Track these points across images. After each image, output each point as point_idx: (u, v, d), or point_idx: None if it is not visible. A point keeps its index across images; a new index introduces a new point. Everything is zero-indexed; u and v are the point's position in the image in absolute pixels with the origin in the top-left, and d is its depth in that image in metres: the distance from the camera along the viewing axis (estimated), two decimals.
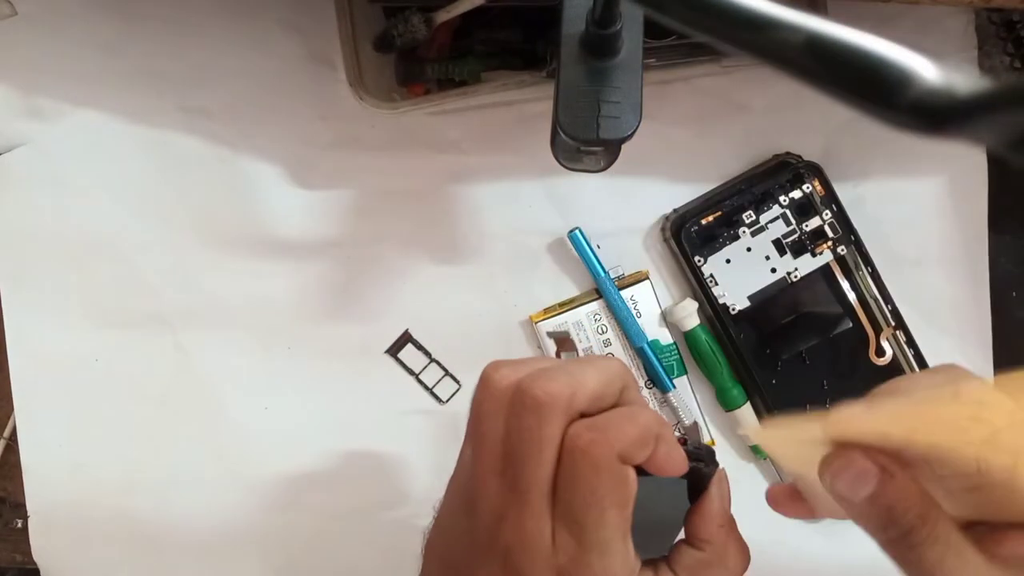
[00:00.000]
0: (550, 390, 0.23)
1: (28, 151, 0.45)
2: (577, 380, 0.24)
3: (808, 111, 0.46)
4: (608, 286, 0.45)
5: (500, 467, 0.24)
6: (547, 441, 0.23)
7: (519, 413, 0.24)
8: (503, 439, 0.24)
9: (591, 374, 0.24)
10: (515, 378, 0.25)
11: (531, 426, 0.23)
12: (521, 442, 0.24)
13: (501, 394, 0.25)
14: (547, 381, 0.24)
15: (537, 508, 0.23)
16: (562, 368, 0.25)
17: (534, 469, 0.23)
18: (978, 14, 0.45)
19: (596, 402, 0.24)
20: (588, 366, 0.25)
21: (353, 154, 0.46)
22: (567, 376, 0.24)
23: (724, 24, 0.15)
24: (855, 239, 0.44)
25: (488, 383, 0.25)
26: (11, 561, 0.47)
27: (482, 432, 0.25)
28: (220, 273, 0.46)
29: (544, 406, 0.23)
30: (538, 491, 0.23)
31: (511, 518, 0.24)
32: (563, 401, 0.23)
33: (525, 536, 0.23)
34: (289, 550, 0.47)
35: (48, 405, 0.46)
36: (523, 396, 0.24)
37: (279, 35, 0.45)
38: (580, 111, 0.31)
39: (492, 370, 0.25)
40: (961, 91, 0.13)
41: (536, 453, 0.23)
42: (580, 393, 0.24)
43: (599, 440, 0.23)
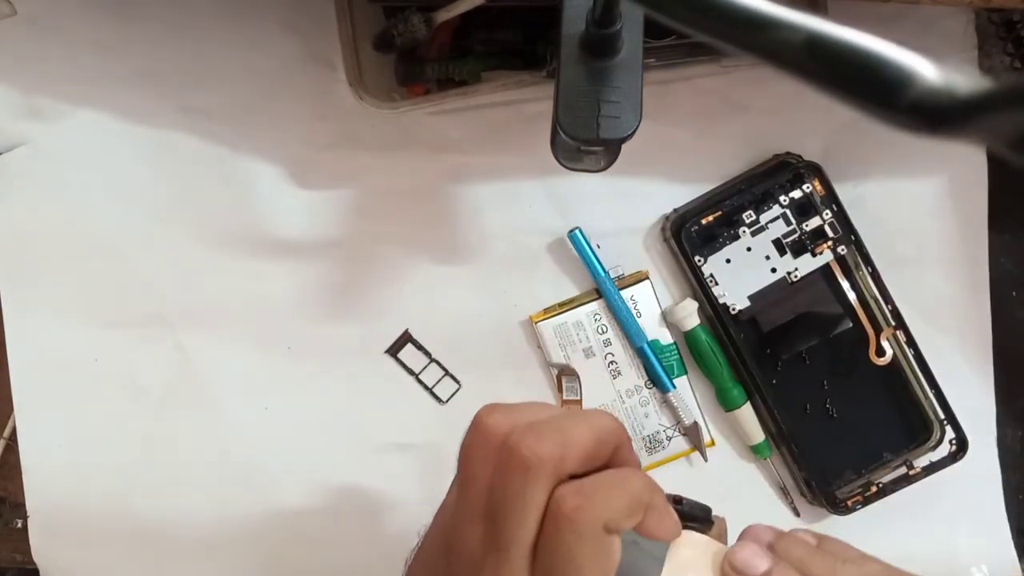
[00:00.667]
0: (539, 451, 0.23)
1: (28, 151, 0.45)
2: (568, 439, 0.23)
3: (808, 111, 0.46)
4: (608, 286, 0.45)
5: (483, 516, 0.24)
6: (531, 503, 0.22)
7: (504, 470, 0.23)
8: (488, 489, 0.24)
9: (582, 433, 0.24)
10: (507, 427, 0.24)
11: (516, 486, 0.23)
12: (505, 500, 0.23)
13: (492, 442, 0.24)
14: (536, 440, 0.23)
15: (516, 568, 0.23)
16: (553, 425, 0.24)
17: (515, 529, 0.23)
18: (978, 14, 0.45)
19: (586, 463, 0.24)
20: (581, 423, 0.24)
21: (353, 154, 0.46)
22: (557, 434, 0.23)
23: (724, 24, 0.15)
24: (855, 239, 0.44)
25: (480, 428, 0.24)
26: (11, 561, 0.47)
27: (469, 478, 0.24)
28: (220, 273, 0.46)
29: (531, 468, 0.22)
30: (517, 550, 0.23)
31: (488, 572, 0.23)
32: (551, 464, 0.23)
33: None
34: (288, 549, 0.47)
35: (48, 405, 0.46)
36: (510, 452, 0.23)
37: (279, 35, 0.45)
38: (580, 111, 0.30)
39: (485, 415, 0.25)
40: (961, 91, 0.13)
41: (519, 514, 0.22)
42: (569, 455, 0.23)
43: (584, 507, 0.22)
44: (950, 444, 0.45)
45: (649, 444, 0.47)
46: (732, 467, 0.47)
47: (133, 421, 0.46)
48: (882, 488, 0.45)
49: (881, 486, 0.45)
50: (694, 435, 0.46)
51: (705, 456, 0.47)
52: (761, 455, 0.47)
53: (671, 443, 0.47)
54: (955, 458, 0.45)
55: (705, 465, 0.47)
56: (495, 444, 0.24)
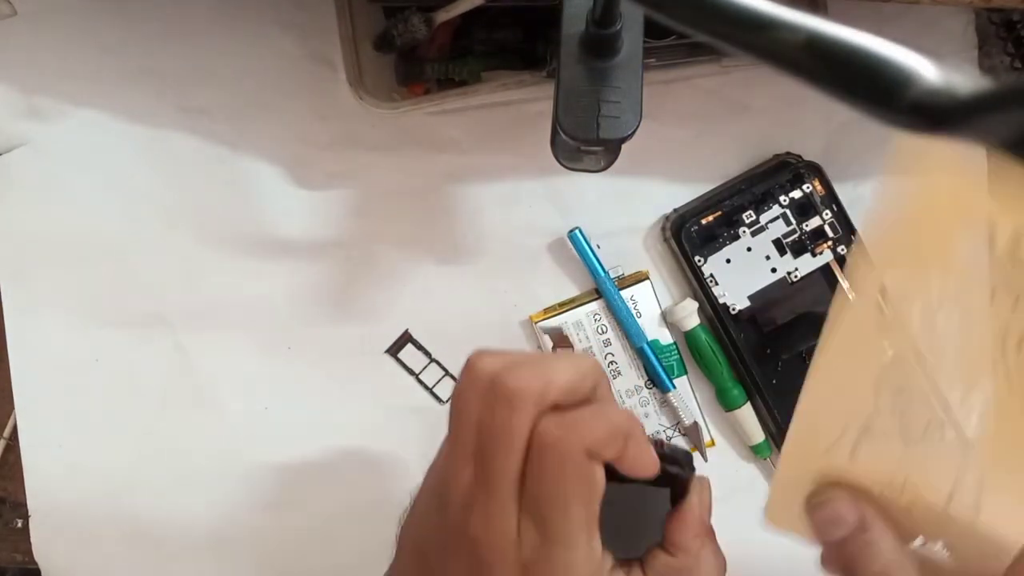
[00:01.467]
0: (521, 382, 0.24)
1: (28, 151, 0.45)
2: (549, 373, 0.24)
3: (808, 111, 0.46)
4: (608, 286, 0.45)
5: (472, 454, 0.24)
6: (516, 432, 0.23)
7: (491, 403, 0.24)
8: (478, 427, 0.24)
9: (564, 368, 0.25)
10: (498, 366, 0.25)
11: (502, 417, 0.24)
12: (492, 432, 0.24)
13: (481, 381, 0.25)
14: (519, 372, 0.24)
15: (504, 500, 0.23)
16: (535, 361, 0.25)
17: (502, 460, 0.23)
18: (978, 14, 0.45)
19: (567, 396, 0.24)
20: (562, 360, 0.25)
21: (353, 154, 0.46)
22: (540, 368, 0.24)
23: (724, 24, 0.15)
24: (856, 239, 0.44)
25: (471, 371, 0.25)
26: (11, 561, 0.47)
27: (460, 417, 0.25)
28: (220, 273, 0.46)
29: (515, 397, 0.23)
30: (506, 483, 0.23)
31: (478, 509, 0.24)
32: (534, 393, 0.24)
33: (491, 528, 0.23)
34: (288, 550, 0.47)
35: (48, 405, 0.46)
36: (496, 386, 0.24)
37: (279, 35, 0.45)
38: (580, 111, 0.31)
39: (476, 358, 0.26)
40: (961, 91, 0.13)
41: (505, 444, 0.23)
42: (552, 386, 0.24)
43: (566, 436, 0.23)
44: None
45: None
46: (732, 467, 0.47)
47: (133, 421, 0.46)
48: None
49: None
50: (694, 435, 0.46)
51: (705, 456, 0.47)
52: (761, 455, 0.47)
53: (671, 443, 0.47)
54: None
55: (705, 465, 0.47)
56: (484, 383, 0.25)
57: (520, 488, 0.24)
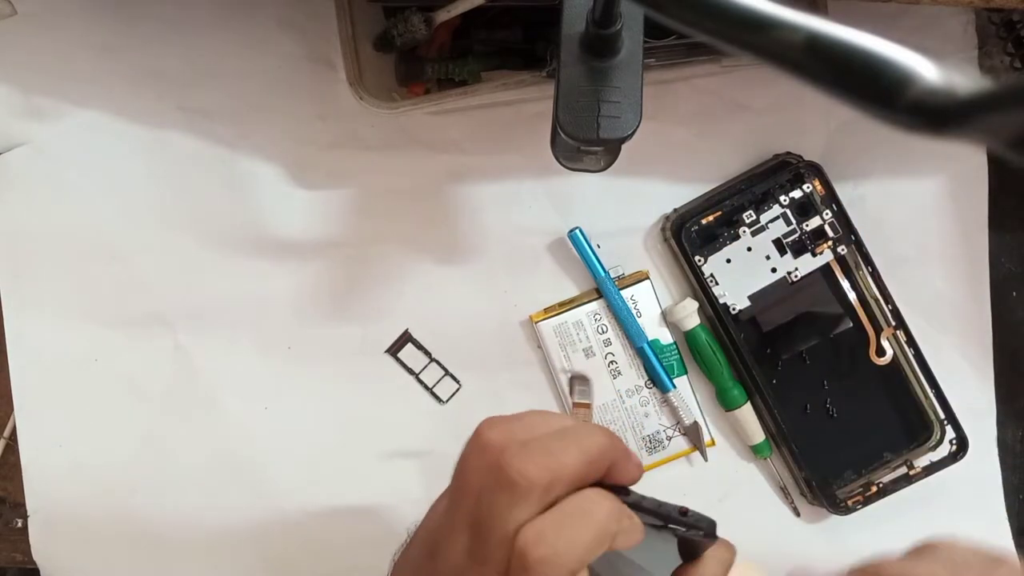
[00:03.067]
0: (527, 474, 0.23)
1: (28, 151, 0.45)
2: (558, 464, 0.24)
3: (808, 111, 0.46)
4: (608, 286, 0.45)
5: (469, 526, 0.24)
6: (513, 524, 0.23)
7: (493, 488, 0.24)
8: (478, 501, 0.24)
9: (572, 458, 0.24)
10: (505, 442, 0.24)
11: (502, 505, 0.23)
12: (491, 516, 0.23)
13: (488, 455, 0.24)
14: (525, 462, 0.23)
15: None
16: (545, 448, 0.24)
17: (496, 547, 0.23)
18: (978, 14, 0.45)
19: (575, 486, 0.24)
20: (572, 447, 0.24)
21: (353, 154, 0.46)
22: (547, 459, 0.24)
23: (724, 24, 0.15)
24: (855, 239, 0.44)
25: (479, 441, 0.25)
26: (11, 561, 0.47)
27: (462, 488, 0.25)
28: (220, 273, 0.46)
29: (517, 489, 0.23)
30: (495, 567, 0.23)
31: None
32: (539, 489, 0.23)
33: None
34: (288, 549, 0.47)
35: (48, 405, 0.46)
36: (500, 472, 0.23)
37: (279, 35, 0.45)
38: (580, 111, 0.30)
39: (486, 428, 0.25)
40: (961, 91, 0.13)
41: (500, 532, 0.23)
42: (558, 480, 0.23)
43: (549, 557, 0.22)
44: (950, 444, 0.45)
45: (649, 444, 0.46)
46: (732, 467, 0.47)
47: (133, 421, 0.46)
48: (882, 488, 0.45)
49: (881, 486, 0.45)
50: (694, 435, 0.46)
51: (705, 456, 0.47)
52: (761, 455, 0.47)
53: (671, 443, 0.47)
54: (955, 458, 0.45)
55: (705, 465, 0.47)
56: (491, 458, 0.24)
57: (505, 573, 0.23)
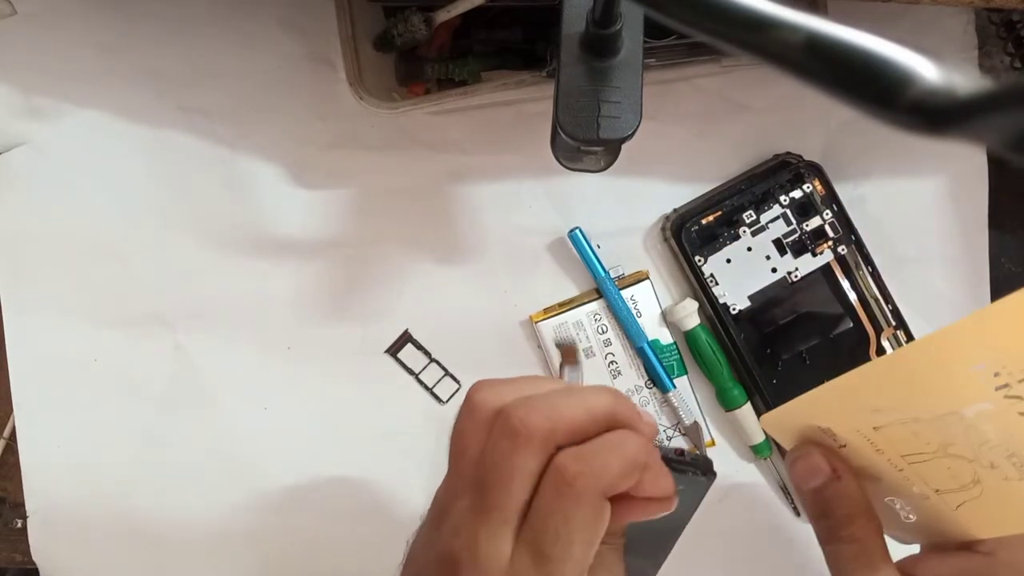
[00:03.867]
0: (529, 422, 0.24)
1: (28, 151, 0.45)
2: (559, 414, 0.24)
3: (808, 111, 0.46)
4: (608, 286, 0.45)
5: (471, 486, 0.24)
6: (517, 470, 0.23)
7: (496, 438, 0.24)
8: (478, 461, 0.24)
9: (574, 408, 0.24)
10: (497, 402, 0.25)
11: (504, 453, 0.24)
12: (493, 467, 0.24)
13: (481, 416, 0.25)
14: (528, 411, 0.24)
15: (497, 530, 0.23)
16: (546, 399, 0.25)
17: (500, 493, 0.23)
18: (978, 14, 0.45)
19: (576, 436, 0.24)
20: (574, 399, 0.25)
21: (353, 154, 0.46)
22: (549, 409, 0.24)
23: (724, 24, 0.15)
24: (855, 239, 0.44)
25: (470, 404, 0.25)
26: (11, 561, 0.47)
27: (459, 451, 0.25)
28: (220, 273, 0.46)
29: (520, 436, 0.23)
30: (500, 514, 0.23)
31: (466, 534, 0.24)
32: (540, 434, 0.23)
33: (479, 553, 0.23)
34: (288, 550, 0.47)
35: (47, 405, 0.46)
36: (503, 423, 0.24)
37: (279, 35, 0.45)
38: (580, 111, 0.30)
39: (475, 391, 0.26)
40: (961, 91, 0.13)
41: (505, 479, 0.23)
42: (559, 429, 0.24)
43: (584, 473, 0.23)
44: None
45: None
46: (732, 467, 0.47)
47: (133, 421, 0.46)
48: None
49: None
50: (694, 435, 0.46)
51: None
52: (761, 455, 0.47)
53: (671, 443, 0.47)
54: None
55: None
56: (484, 418, 0.25)
57: (521, 519, 0.23)
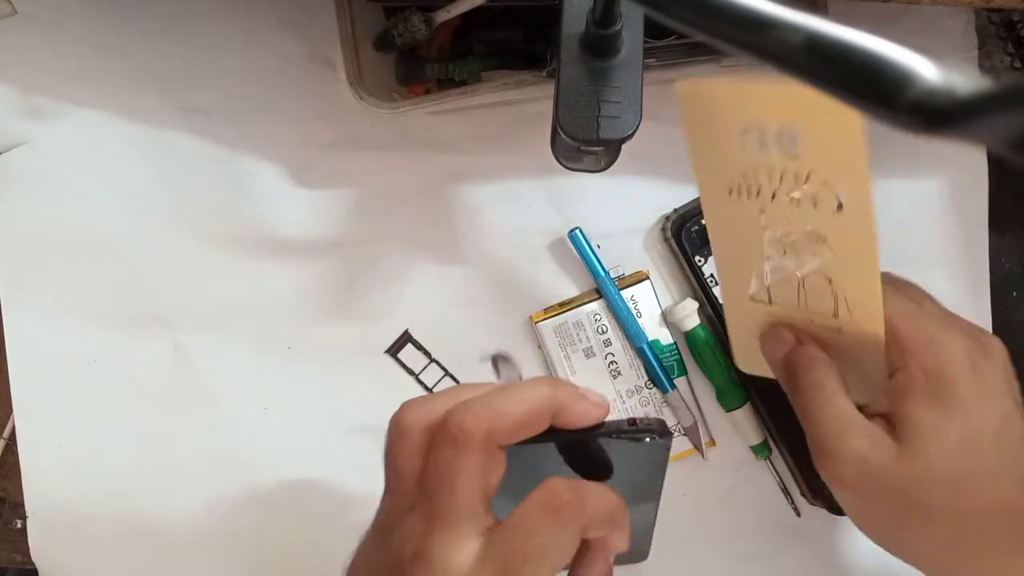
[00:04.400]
0: (466, 426, 0.24)
1: (28, 151, 0.45)
2: (497, 411, 0.24)
3: None
4: (608, 286, 0.45)
5: (416, 497, 0.25)
6: (460, 474, 0.23)
7: (437, 449, 0.24)
8: (420, 478, 0.25)
9: (514, 406, 0.24)
10: (424, 420, 0.25)
11: (447, 460, 0.24)
12: (438, 476, 0.24)
13: (412, 437, 0.25)
14: (464, 415, 0.24)
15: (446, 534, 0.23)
16: (483, 400, 0.25)
17: (447, 500, 0.23)
18: (978, 14, 0.45)
19: (518, 433, 0.24)
20: (513, 396, 0.25)
21: (353, 154, 0.46)
22: (487, 408, 0.24)
23: (724, 24, 0.15)
24: None
25: (398, 428, 0.26)
26: (11, 561, 0.47)
27: (396, 473, 0.25)
28: (220, 273, 0.46)
29: (459, 441, 0.24)
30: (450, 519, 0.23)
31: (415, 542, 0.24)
32: (479, 435, 0.24)
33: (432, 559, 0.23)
34: (288, 550, 0.47)
35: (47, 405, 0.46)
36: (441, 433, 0.24)
37: (279, 34, 0.45)
38: (580, 111, 0.31)
39: (400, 414, 0.26)
40: (961, 91, 0.13)
41: (449, 486, 0.23)
42: (498, 427, 0.24)
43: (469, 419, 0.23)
44: None
45: None
46: (732, 467, 0.47)
47: (133, 421, 0.46)
48: None
49: None
50: (694, 435, 0.46)
51: (705, 456, 0.47)
52: (761, 455, 0.47)
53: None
54: None
55: (705, 465, 0.47)
56: (415, 438, 0.25)
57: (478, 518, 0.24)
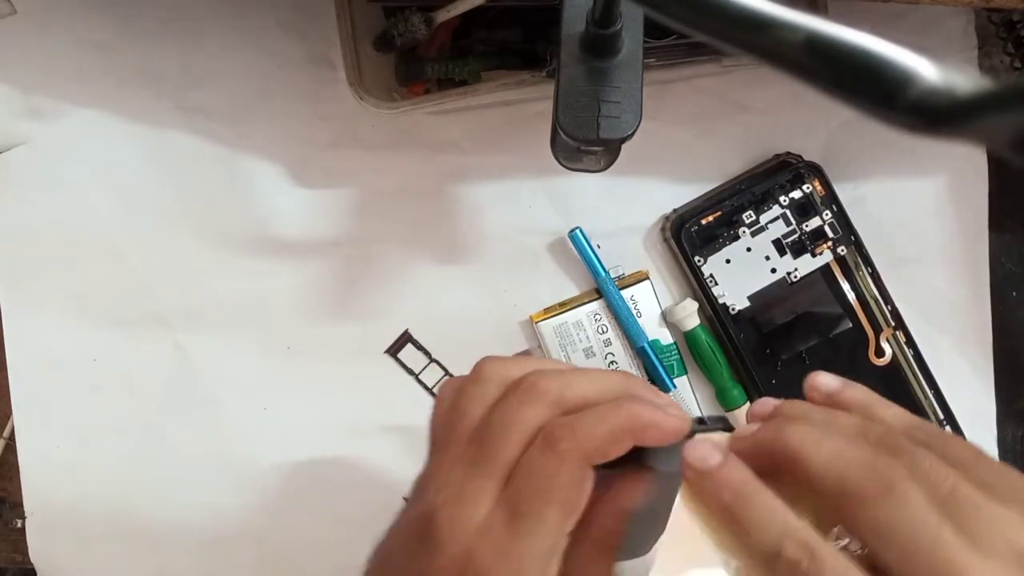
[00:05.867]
0: (541, 384, 0.24)
1: (28, 151, 0.45)
2: (570, 384, 0.24)
3: (808, 111, 0.45)
4: (608, 286, 0.45)
5: (467, 444, 0.24)
6: (518, 423, 0.23)
7: (507, 396, 0.24)
8: (478, 424, 0.24)
9: (585, 383, 0.25)
10: (505, 374, 0.25)
11: (512, 407, 0.24)
12: (497, 422, 0.24)
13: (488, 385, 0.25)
14: (540, 376, 0.24)
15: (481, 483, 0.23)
16: (560, 372, 0.25)
17: (497, 446, 0.23)
18: (978, 14, 0.45)
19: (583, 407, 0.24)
20: (584, 375, 0.25)
21: (353, 154, 0.46)
22: (563, 379, 0.24)
23: (724, 24, 0.15)
24: (855, 239, 0.44)
25: (476, 374, 0.26)
26: (11, 561, 0.47)
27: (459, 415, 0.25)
28: (220, 273, 0.46)
29: (530, 393, 0.24)
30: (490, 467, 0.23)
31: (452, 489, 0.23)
32: (550, 396, 0.24)
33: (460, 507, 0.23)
34: (287, 550, 0.47)
35: (46, 405, 0.46)
36: (515, 385, 0.24)
37: (279, 35, 0.45)
38: (580, 111, 0.30)
39: (483, 363, 0.26)
40: (961, 91, 0.13)
41: (505, 433, 0.23)
42: (569, 396, 0.24)
43: (568, 437, 0.23)
44: None
45: None
46: None
47: (132, 421, 0.46)
48: None
49: None
50: None
51: None
52: None
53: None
54: None
55: None
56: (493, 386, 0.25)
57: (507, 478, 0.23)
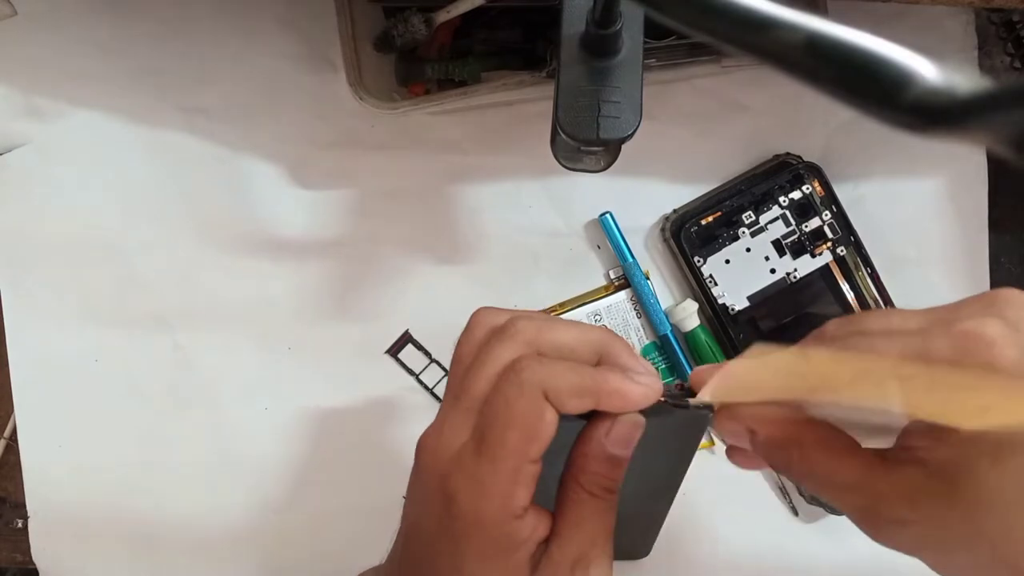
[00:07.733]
0: (519, 325, 0.25)
1: (28, 151, 0.45)
2: (550, 327, 0.25)
3: (808, 111, 0.46)
4: (635, 271, 0.45)
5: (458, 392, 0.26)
6: (493, 359, 0.25)
7: (489, 340, 0.26)
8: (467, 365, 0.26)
9: (562, 330, 0.26)
10: (495, 320, 0.27)
11: (490, 347, 0.25)
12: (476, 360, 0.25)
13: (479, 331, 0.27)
14: (520, 320, 0.26)
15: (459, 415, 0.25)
16: (545, 318, 0.26)
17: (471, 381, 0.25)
18: (978, 14, 0.45)
19: (560, 351, 0.25)
20: (564, 323, 0.26)
21: (353, 154, 0.46)
22: (544, 323, 0.26)
23: (724, 24, 0.15)
24: (855, 240, 0.44)
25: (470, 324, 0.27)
26: (11, 561, 0.47)
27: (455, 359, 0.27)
28: (220, 273, 0.46)
29: (506, 332, 0.25)
30: (466, 400, 0.25)
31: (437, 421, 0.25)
32: (525, 335, 0.25)
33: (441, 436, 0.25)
34: (288, 550, 0.47)
35: (48, 405, 0.46)
36: (499, 330, 0.26)
37: (279, 35, 0.45)
38: (580, 111, 0.31)
39: (476, 314, 0.28)
40: (961, 91, 0.13)
41: (479, 368, 0.25)
42: (546, 338, 0.25)
43: (533, 369, 0.24)
44: None
45: None
46: (731, 467, 0.47)
47: (133, 421, 0.46)
48: None
49: None
50: None
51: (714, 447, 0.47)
52: None
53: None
54: None
55: (704, 465, 0.47)
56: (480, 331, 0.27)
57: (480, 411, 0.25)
